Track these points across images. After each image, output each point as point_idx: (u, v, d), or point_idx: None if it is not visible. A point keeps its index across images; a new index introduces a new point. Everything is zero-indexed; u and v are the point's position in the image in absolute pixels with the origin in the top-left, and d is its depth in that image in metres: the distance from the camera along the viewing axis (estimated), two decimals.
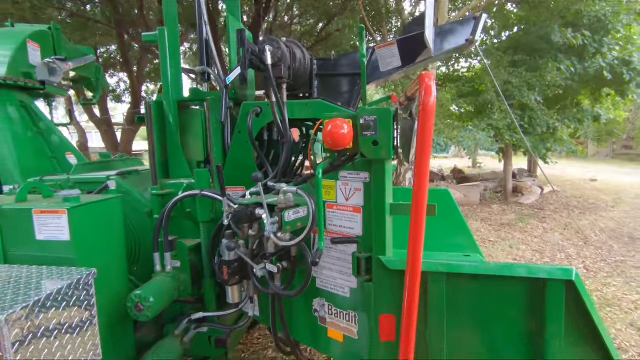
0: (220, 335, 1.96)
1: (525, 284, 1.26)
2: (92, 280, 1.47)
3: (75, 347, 1.38)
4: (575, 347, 1.26)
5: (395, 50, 1.98)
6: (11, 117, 2.42)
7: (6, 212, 1.56)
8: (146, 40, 2.14)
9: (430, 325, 1.33)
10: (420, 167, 1.15)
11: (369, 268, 1.44)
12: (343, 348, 1.61)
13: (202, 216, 1.91)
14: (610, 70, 7.57)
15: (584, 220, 7.49)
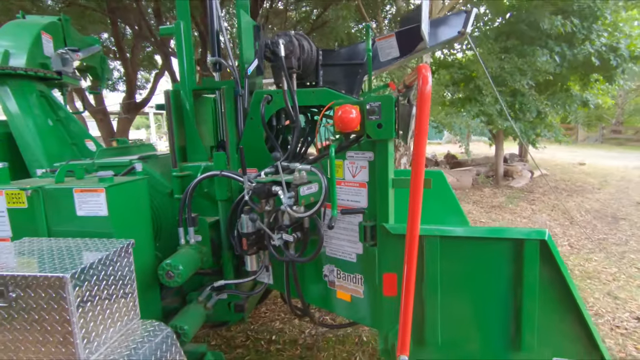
0: (238, 301, 2.19)
1: (506, 244, 1.49)
2: (131, 249, 1.67)
3: (120, 306, 1.60)
4: (549, 303, 1.50)
5: (393, 42, 2.16)
6: (33, 107, 2.57)
7: (49, 192, 1.74)
8: (163, 33, 2.29)
9: (426, 281, 1.57)
10: (418, 144, 1.36)
11: (373, 235, 1.66)
12: (351, 306, 1.85)
13: (220, 195, 2.11)
14: (598, 57, 7.78)
15: (570, 201, 7.83)
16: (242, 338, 3.21)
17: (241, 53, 2.28)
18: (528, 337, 1.51)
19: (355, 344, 3.07)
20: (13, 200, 1.77)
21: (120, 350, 1.49)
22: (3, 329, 1.38)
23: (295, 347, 3.05)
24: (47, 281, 1.32)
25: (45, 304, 1.34)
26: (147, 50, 14.01)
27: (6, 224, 1.80)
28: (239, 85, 2.21)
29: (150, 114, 29.74)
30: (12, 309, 1.36)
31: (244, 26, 2.25)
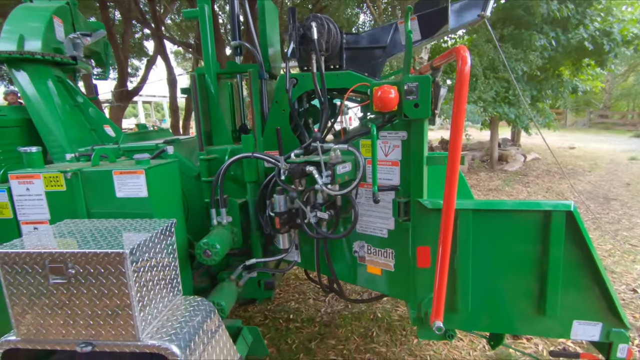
0: (268, 279, 2.27)
1: (535, 215, 1.59)
2: (174, 228, 1.73)
3: (166, 282, 1.66)
4: (573, 271, 1.61)
5: (415, 25, 2.21)
6: (51, 92, 2.55)
7: (89, 175, 1.77)
8: (187, 16, 2.29)
9: (458, 253, 1.66)
10: (456, 123, 1.43)
11: (406, 210, 1.74)
12: (381, 280, 1.95)
13: (249, 177, 2.16)
14: (591, 41, 7.93)
15: (563, 184, 8.07)
16: (260, 317, 3.31)
17: (264, 36, 2.30)
18: (552, 301, 1.63)
19: (371, 320, 3.20)
20: (51, 183, 1.80)
21: (171, 324, 1.56)
22: (62, 304, 1.44)
23: (313, 325, 3.16)
24: (107, 257, 1.37)
25: (104, 279, 1.40)
26: (136, 36, 13.68)
27: (44, 207, 1.83)
28: (263, 68, 2.25)
29: (139, 103, 29.18)
30: (71, 284, 1.41)
31: (267, 10, 2.27)
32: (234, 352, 1.81)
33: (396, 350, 2.82)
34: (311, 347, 2.86)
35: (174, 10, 12.06)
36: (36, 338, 1.48)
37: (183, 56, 21.15)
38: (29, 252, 1.39)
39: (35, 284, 1.43)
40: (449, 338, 1.79)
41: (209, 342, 1.64)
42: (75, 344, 1.45)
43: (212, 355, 1.63)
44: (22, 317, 1.47)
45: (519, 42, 7.77)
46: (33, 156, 1.91)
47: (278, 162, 1.89)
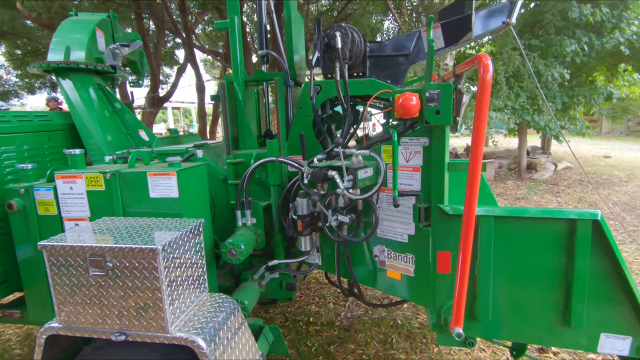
0: (289, 280, 2.33)
1: (559, 224, 1.57)
2: (202, 228, 1.82)
3: (194, 278, 1.75)
4: (600, 281, 1.58)
5: (439, 33, 2.23)
6: (93, 99, 2.74)
7: (125, 175, 1.90)
8: (218, 27, 2.41)
9: (480, 259, 1.66)
10: (477, 130, 1.44)
11: (427, 216, 1.76)
12: (401, 284, 1.96)
13: (273, 180, 2.24)
14: (627, 46, 7.59)
15: (597, 194, 7.71)
16: (281, 319, 3.37)
17: (290, 45, 2.39)
18: (577, 313, 1.59)
19: (391, 326, 3.19)
20: (92, 183, 1.94)
21: (198, 318, 1.64)
22: (99, 295, 1.55)
23: (333, 329, 3.19)
24: (142, 252, 1.47)
25: (138, 273, 1.50)
26: (168, 45, 14.29)
27: (85, 205, 1.98)
28: (289, 76, 2.33)
29: (169, 109, 30.29)
30: (108, 277, 1.52)
31: (293, 20, 2.36)
32: (255, 349, 1.87)
33: (416, 358, 2.80)
34: (330, 351, 2.88)
35: (204, 20, 12.52)
36: (76, 326, 1.60)
37: (212, 64, 21.85)
38: (72, 246, 1.52)
39: (77, 275, 1.55)
40: (469, 346, 1.78)
41: (232, 338, 1.71)
42: (110, 333, 1.56)
43: (235, 351, 1.70)
44: (64, 305, 1.59)
45: (548, 47, 7.55)
46: (76, 158, 2.06)
47: (301, 167, 1.95)
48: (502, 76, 6.64)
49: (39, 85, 14.82)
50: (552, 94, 8.06)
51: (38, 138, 2.49)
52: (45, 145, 2.54)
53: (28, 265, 2.15)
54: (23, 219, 2.07)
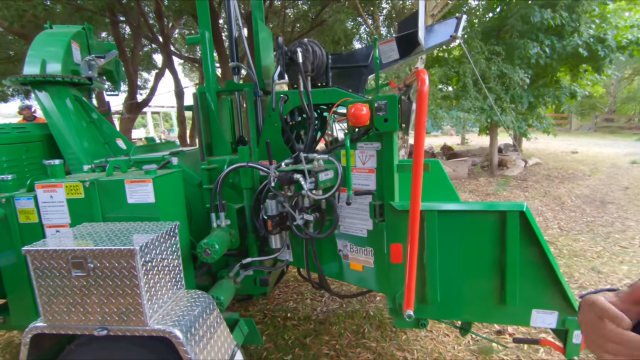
0: (263, 276, 2.50)
1: (492, 215, 1.80)
2: (177, 230, 1.97)
3: (170, 277, 1.90)
4: (528, 264, 1.81)
5: (394, 46, 2.46)
6: (70, 110, 2.85)
7: (103, 184, 2.04)
8: (190, 42, 2.57)
9: (426, 249, 1.88)
10: (418, 135, 1.66)
11: (381, 212, 1.97)
12: (363, 275, 2.16)
13: (245, 184, 2.40)
14: (586, 48, 8.10)
15: (562, 188, 8.18)
16: (260, 316, 3.53)
17: (258, 58, 2.57)
18: (511, 293, 1.83)
19: (364, 317, 3.40)
20: (72, 191, 2.06)
21: (175, 312, 1.80)
22: (82, 294, 1.69)
23: (309, 322, 3.37)
24: (120, 252, 1.62)
25: (118, 272, 1.64)
26: (145, 49, 14.19)
27: (65, 212, 2.10)
28: (258, 87, 2.51)
29: (148, 114, 29.87)
30: (90, 277, 1.66)
31: (261, 35, 2.54)
32: (230, 339, 2.03)
33: (385, 345, 3.01)
34: (306, 343, 3.06)
35: (180, 24, 12.52)
36: (60, 324, 1.73)
37: (190, 67, 21.72)
38: (55, 250, 1.65)
39: (60, 277, 1.68)
40: (421, 326, 2.00)
41: (208, 329, 1.87)
42: (93, 329, 1.70)
43: (210, 341, 1.86)
44: (48, 305, 1.72)
45: (513, 50, 7.97)
46: (56, 168, 2.18)
47: (269, 171, 2.13)
48: (469, 79, 7.00)
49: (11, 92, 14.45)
50: (519, 94, 8.50)
51: (16, 149, 2.58)
52: (23, 156, 2.64)
53: (10, 272, 2.25)
54: (4, 227, 2.17)
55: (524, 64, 8.16)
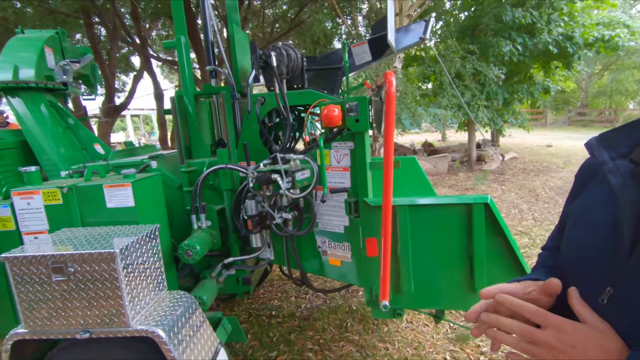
0: (245, 275, 2.55)
1: (460, 208, 1.91)
2: (158, 232, 2.01)
3: (152, 278, 1.94)
4: (493, 251, 1.93)
5: (366, 48, 2.55)
6: (45, 116, 2.82)
7: (82, 189, 2.05)
8: (166, 46, 2.59)
9: (400, 242, 1.98)
10: (387, 134, 1.75)
11: (356, 208, 2.05)
12: (341, 270, 2.25)
13: (224, 185, 2.45)
14: (555, 45, 8.43)
15: (537, 180, 8.49)
16: (245, 315, 3.58)
17: (235, 62, 2.61)
18: (479, 279, 1.94)
19: (346, 312, 3.49)
20: (49, 197, 2.07)
21: (157, 312, 1.84)
22: (63, 299, 1.71)
23: (293, 319, 3.44)
24: (101, 256, 1.65)
25: (99, 275, 1.67)
26: (122, 51, 13.93)
27: (43, 219, 2.10)
28: (235, 90, 2.55)
29: (128, 117, 29.24)
30: (71, 281, 1.69)
31: (237, 38, 2.58)
32: (214, 338, 2.08)
33: (368, 337, 3.11)
34: (291, 339, 3.13)
35: (158, 26, 12.35)
36: (42, 329, 1.75)
37: (170, 69, 21.39)
38: (34, 255, 1.66)
39: (40, 283, 1.70)
40: (397, 316, 2.09)
41: (191, 328, 1.91)
42: (75, 332, 1.72)
43: (193, 339, 1.90)
44: (29, 312, 1.73)
45: (488, 48, 8.22)
46: (32, 174, 2.18)
47: (248, 172, 2.18)
48: (445, 77, 7.19)
49: None
50: (494, 91, 8.78)
51: None
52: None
53: None
54: None
55: (498, 61, 8.44)
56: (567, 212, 0.83)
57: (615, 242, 0.63)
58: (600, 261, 0.65)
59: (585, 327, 0.60)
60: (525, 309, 0.65)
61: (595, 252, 0.67)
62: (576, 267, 0.71)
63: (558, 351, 0.60)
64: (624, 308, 0.59)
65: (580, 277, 0.69)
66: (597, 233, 0.68)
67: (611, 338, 0.58)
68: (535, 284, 0.74)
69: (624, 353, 0.56)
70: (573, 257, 0.73)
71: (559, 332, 0.60)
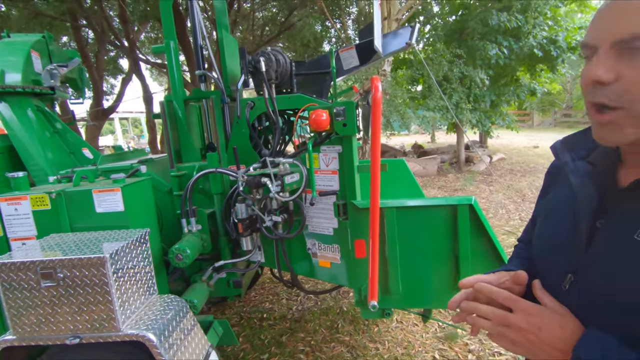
0: (236, 278, 2.57)
1: (445, 209, 1.96)
2: (148, 237, 2.02)
3: (142, 283, 1.94)
4: (478, 250, 1.99)
5: (354, 53, 2.60)
6: (32, 120, 2.80)
7: (71, 194, 2.05)
8: (156, 51, 2.60)
9: (387, 243, 2.02)
10: (374, 137, 1.79)
11: (345, 211, 2.09)
12: (331, 272, 2.28)
13: (215, 189, 2.47)
14: (540, 48, 8.63)
15: (523, 181, 8.66)
16: (236, 319, 3.58)
17: (224, 66, 2.63)
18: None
19: (337, 313, 3.53)
20: (37, 203, 2.06)
21: (148, 316, 1.84)
22: (52, 304, 1.70)
23: (285, 321, 3.46)
24: (90, 261, 1.65)
25: (89, 280, 1.67)
26: (111, 54, 13.79)
27: (31, 224, 2.09)
28: (225, 94, 2.57)
29: (116, 120, 28.88)
30: (60, 287, 1.69)
31: (226, 43, 2.61)
32: (205, 341, 2.09)
33: (359, 338, 3.15)
34: (282, 341, 3.15)
35: (147, 28, 12.26)
36: (30, 336, 1.74)
37: (159, 72, 21.23)
38: (23, 261, 1.66)
39: (28, 289, 1.69)
40: (386, 316, 2.13)
41: (182, 332, 1.92)
42: (65, 338, 1.72)
43: (184, 342, 1.92)
44: (18, 318, 1.72)
45: (475, 51, 8.37)
46: (20, 180, 2.16)
47: (238, 176, 2.21)
48: (433, 80, 7.31)
49: None
50: (482, 94, 8.94)
51: None
52: None
53: None
54: None
55: (485, 64, 8.60)
56: (538, 208, 0.93)
57: (575, 236, 0.71)
58: (563, 253, 0.74)
59: (547, 309, 0.69)
60: (500, 295, 0.72)
61: (559, 245, 0.76)
62: (543, 258, 0.80)
63: (527, 332, 0.67)
64: (582, 293, 0.68)
65: (546, 266, 0.79)
66: (561, 228, 0.77)
67: (569, 319, 0.67)
68: (508, 274, 0.82)
69: (579, 331, 0.65)
70: (541, 249, 0.82)
71: (527, 315, 0.68)
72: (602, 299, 0.64)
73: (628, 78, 0.57)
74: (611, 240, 0.65)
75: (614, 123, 0.60)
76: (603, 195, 0.68)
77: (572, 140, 0.80)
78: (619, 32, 0.57)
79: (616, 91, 0.58)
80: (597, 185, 0.69)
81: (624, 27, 0.56)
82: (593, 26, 0.62)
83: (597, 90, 0.60)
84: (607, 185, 0.69)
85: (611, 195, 0.68)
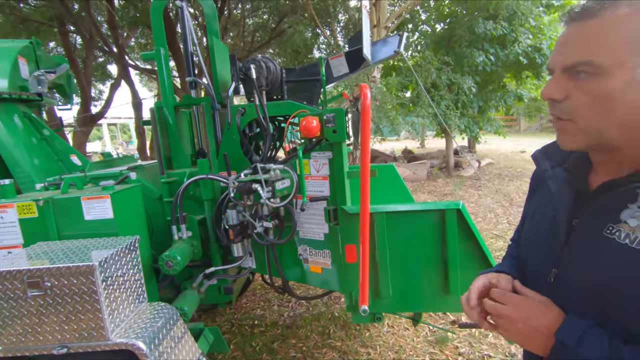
0: (227, 285, 2.56)
1: (434, 214, 2.00)
2: (137, 244, 2.00)
3: (131, 290, 1.93)
4: (466, 254, 2.02)
5: (343, 60, 2.63)
6: (18, 127, 2.77)
7: (59, 201, 2.02)
8: (145, 58, 2.60)
9: (377, 248, 2.04)
10: (364, 143, 1.82)
11: (335, 216, 2.11)
12: (322, 277, 2.29)
13: (205, 195, 2.46)
14: (525, 56, 8.85)
15: (511, 185, 8.81)
16: (227, 326, 3.56)
17: (215, 73, 2.65)
18: (454, 282, 2.03)
19: (329, 319, 3.53)
20: (24, 211, 2.03)
21: (138, 324, 1.83)
22: (39, 314, 1.68)
23: (276, 328, 3.44)
24: (79, 269, 1.63)
25: (77, 289, 1.65)
26: (99, 60, 13.67)
27: (18, 232, 2.06)
28: (215, 101, 2.58)
29: (104, 126, 28.55)
30: (47, 296, 1.66)
31: (216, 49, 2.62)
32: (195, 348, 2.08)
33: (350, 343, 3.15)
34: (274, 347, 3.14)
35: (136, 34, 12.20)
36: (16, 346, 1.71)
37: (148, 77, 21.09)
38: (9, 270, 1.63)
39: (14, 298, 1.66)
40: (377, 320, 2.15)
41: (172, 340, 1.91)
42: (52, 348, 1.69)
43: (174, 350, 1.90)
44: (3, 328, 1.69)
45: (462, 59, 8.54)
46: (5, 188, 2.13)
47: (228, 182, 2.21)
48: (421, 87, 7.43)
49: None
50: (470, 100, 9.11)
51: None
52: None
53: None
54: None
55: (472, 71, 8.78)
56: (525, 210, 1.04)
57: (555, 235, 0.81)
58: (547, 250, 0.84)
59: (531, 299, 0.79)
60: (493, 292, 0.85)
61: (542, 243, 0.86)
62: (530, 255, 0.91)
63: (516, 320, 0.76)
64: (564, 285, 0.78)
65: (533, 262, 0.89)
66: (543, 228, 0.87)
67: (552, 308, 0.76)
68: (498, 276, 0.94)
69: (561, 318, 0.74)
70: (528, 247, 0.93)
71: (515, 307, 0.78)
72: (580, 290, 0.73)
73: (576, 99, 0.68)
74: (584, 237, 0.75)
75: (566, 131, 0.72)
76: (577, 197, 0.79)
77: (550, 149, 0.91)
78: (569, 59, 0.68)
79: (565, 109, 0.70)
80: (572, 188, 0.80)
81: (573, 54, 0.68)
82: (553, 51, 0.74)
83: (553, 104, 0.73)
84: (581, 188, 0.80)
85: (583, 197, 0.78)
